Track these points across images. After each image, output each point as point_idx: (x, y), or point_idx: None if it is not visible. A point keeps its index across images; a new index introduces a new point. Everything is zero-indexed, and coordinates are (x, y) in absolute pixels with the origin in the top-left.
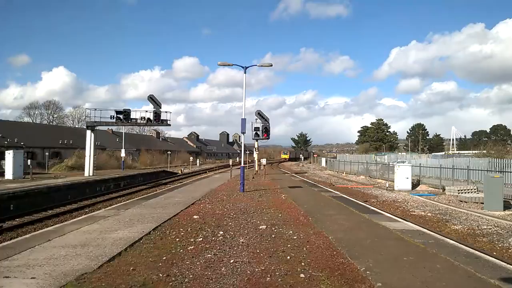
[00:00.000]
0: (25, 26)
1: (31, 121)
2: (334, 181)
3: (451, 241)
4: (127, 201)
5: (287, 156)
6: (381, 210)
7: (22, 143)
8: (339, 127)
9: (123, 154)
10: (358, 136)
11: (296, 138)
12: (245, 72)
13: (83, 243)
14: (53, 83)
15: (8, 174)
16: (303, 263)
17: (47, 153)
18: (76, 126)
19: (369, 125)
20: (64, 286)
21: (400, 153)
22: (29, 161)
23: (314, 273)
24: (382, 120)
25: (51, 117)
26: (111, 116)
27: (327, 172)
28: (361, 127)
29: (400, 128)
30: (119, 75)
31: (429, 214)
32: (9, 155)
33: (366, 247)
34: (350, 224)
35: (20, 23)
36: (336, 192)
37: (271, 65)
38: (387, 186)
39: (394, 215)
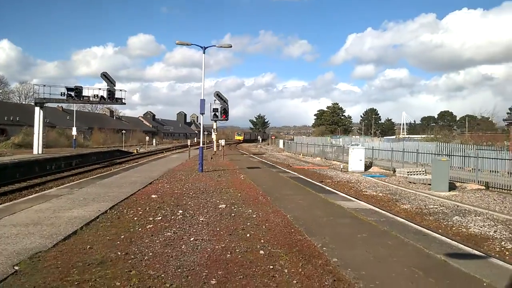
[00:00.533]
0: None
1: None
2: (292, 162)
3: (401, 219)
4: (81, 180)
5: (241, 138)
6: (336, 190)
7: None
8: (297, 110)
9: (74, 132)
10: (315, 119)
11: (255, 120)
12: (204, 52)
13: (35, 222)
14: None
15: None
16: (262, 240)
17: None
18: (24, 102)
19: (325, 109)
20: (18, 265)
21: (354, 137)
22: None
23: (273, 250)
24: (338, 104)
25: None
26: (61, 93)
27: (285, 154)
28: (318, 111)
29: (355, 112)
30: (70, 51)
31: (380, 194)
32: None
33: (322, 225)
34: (307, 203)
35: None
36: (293, 173)
37: (231, 46)
38: (342, 167)
39: (348, 195)
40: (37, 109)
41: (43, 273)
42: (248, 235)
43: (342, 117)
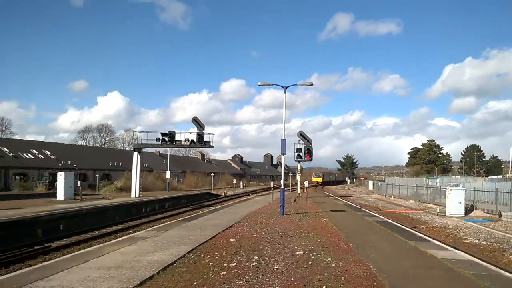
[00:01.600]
0: (83, 53)
1: (84, 144)
2: (381, 205)
3: (508, 274)
4: (169, 222)
5: (319, 179)
6: (430, 237)
7: (74, 165)
8: (388, 149)
9: (168, 176)
10: (408, 158)
11: (342, 160)
12: (285, 92)
13: (118, 265)
14: (108, 107)
15: (60, 195)
16: None
17: (97, 175)
18: (126, 148)
19: (420, 147)
20: None
21: (454, 176)
22: (78, 182)
23: None
24: (434, 141)
25: (103, 140)
26: (157, 138)
27: (374, 196)
28: (411, 149)
29: (454, 149)
30: (169, 99)
31: (483, 242)
32: (60, 176)
33: (410, 277)
34: (394, 252)
35: (79, 50)
36: (381, 217)
37: (312, 84)
38: (438, 211)
39: (443, 243)
40: (135, 154)
41: None
42: (324, 287)
43: (439, 155)
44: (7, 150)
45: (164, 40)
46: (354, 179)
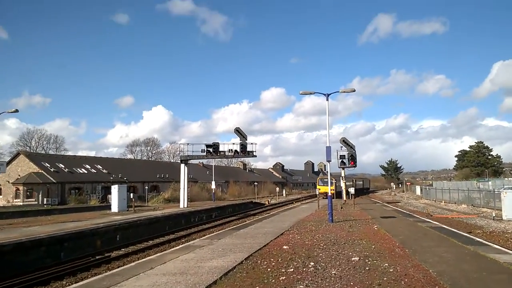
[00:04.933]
0: (128, 69)
1: (133, 157)
2: (432, 210)
3: None
4: (219, 232)
5: (331, 189)
6: (488, 242)
7: (125, 178)
8: (434, 153)
9: (213, 186)
10: (456, 161)
11: (386, 165)
12: (327, 99)
13: (181, 271)
14: (153, 121)
15: (114, 207)
16: None
17: (146, 187)
18: (172, 160)
19: (468, 149)
20: None
21: (507, 179)
22: (131, 194)
23: None
24: (482, 142)
25: (150, 153)
26: (201, 150)
27: (423, 201)
28: (459, 152)
29: (506, 150)
30: (210, 110)
31: None
32: (114, 189)
33: (472, 281)
34: (452, 256)
35: (124, 66)
36: (434, 222)
37: (354, 91)
38: (494, 215)
39: (504, 247)
40: (182, 165)
41: None
42: None
43: (489, 157)
44: (63, 166)
45: (204, 52)
46: (400, 185)
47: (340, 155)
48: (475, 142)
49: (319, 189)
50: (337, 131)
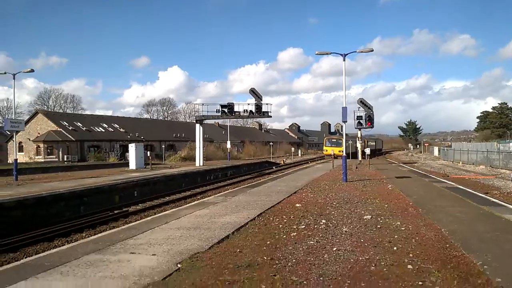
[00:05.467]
0: (145, 30)
1: (149, 117)
2: (449, 171)
3: None
4: (234, 189)
5: (340, 150)
6: (505, 202)
7: (142, 137)
8: (456, 114)
9: (228, 145)
10: (478, 123)
11: (404, 126)
12: (344, 60)
13: (195, 226)
14: (169, 81)
15: (132, 165)
16: (411, 255)
17: (163, 146)
18: (188, 120)
19: (491, 110)
20: (180, 263)
21: None
22: (148, 152)
23: (423, 265)
24: (506, 104)
25: (166, 113)
26: (216, 110)
27: (440, 162)
28: (481, 113)
29: None
30: (227, 71)
31: None
32: (131, 148)
33: (485, 240)
34: (466, 216)
35: (139, 27)
36: (450, 182)
37: (372, 50)
38: None
39: None
40: (197, 125)
41: (200, 272)
42: (395, 248)
43: None
44: (81, 125)
45: (221, 14)
46: (418, 146)
47: (357, 116)
48: (498, 103)
49: (326, 150)
50: (355, 92)
